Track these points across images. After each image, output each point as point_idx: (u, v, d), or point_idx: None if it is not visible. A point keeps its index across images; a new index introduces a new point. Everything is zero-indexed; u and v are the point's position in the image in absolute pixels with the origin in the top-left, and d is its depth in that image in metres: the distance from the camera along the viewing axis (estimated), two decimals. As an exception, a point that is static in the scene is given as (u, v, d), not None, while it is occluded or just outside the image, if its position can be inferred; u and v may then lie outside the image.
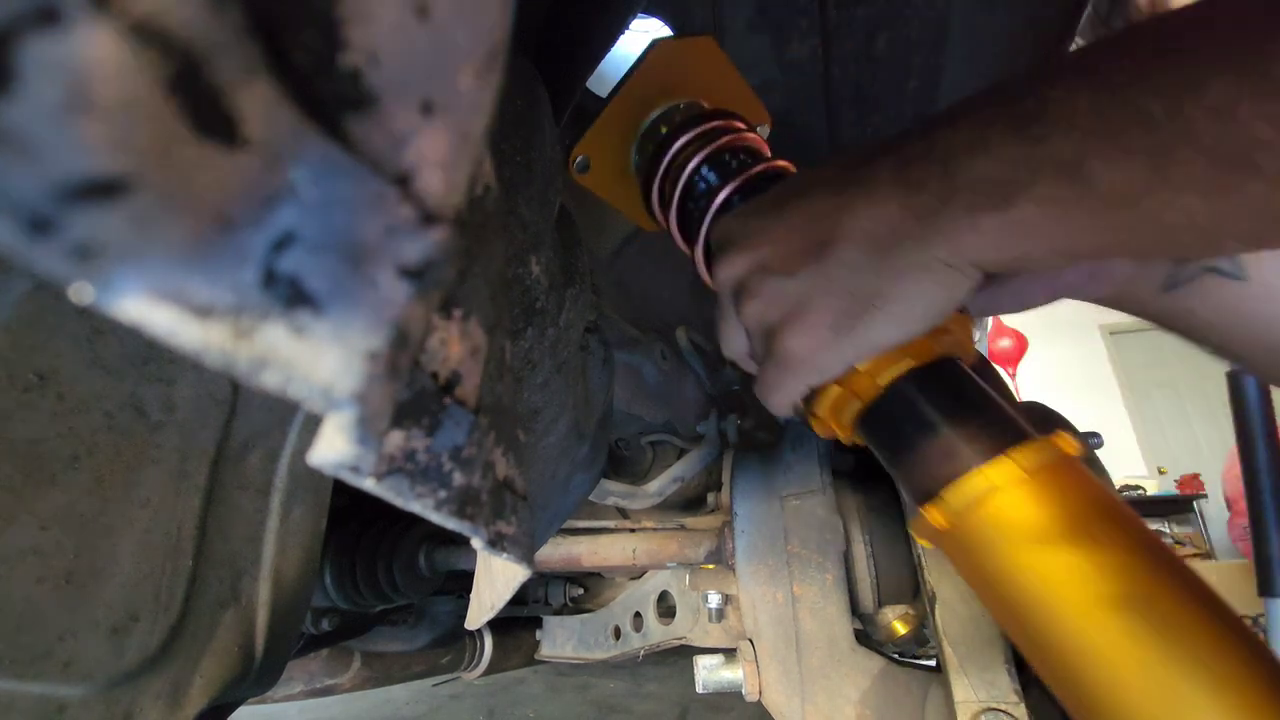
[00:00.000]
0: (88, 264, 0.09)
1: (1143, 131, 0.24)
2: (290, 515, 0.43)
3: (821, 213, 0.33)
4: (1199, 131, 0.23)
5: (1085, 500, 0.29)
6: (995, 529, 0.30)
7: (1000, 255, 0.29)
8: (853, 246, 0.32)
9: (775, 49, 0.65)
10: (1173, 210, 0.24)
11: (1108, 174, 0.25)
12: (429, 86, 0.11)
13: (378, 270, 0.11)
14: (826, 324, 0.33)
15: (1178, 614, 0.25)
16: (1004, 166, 0.27)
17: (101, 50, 0.08)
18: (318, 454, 0.12)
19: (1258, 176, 0.22)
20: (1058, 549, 0.28)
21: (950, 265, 0.30)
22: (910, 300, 0.31)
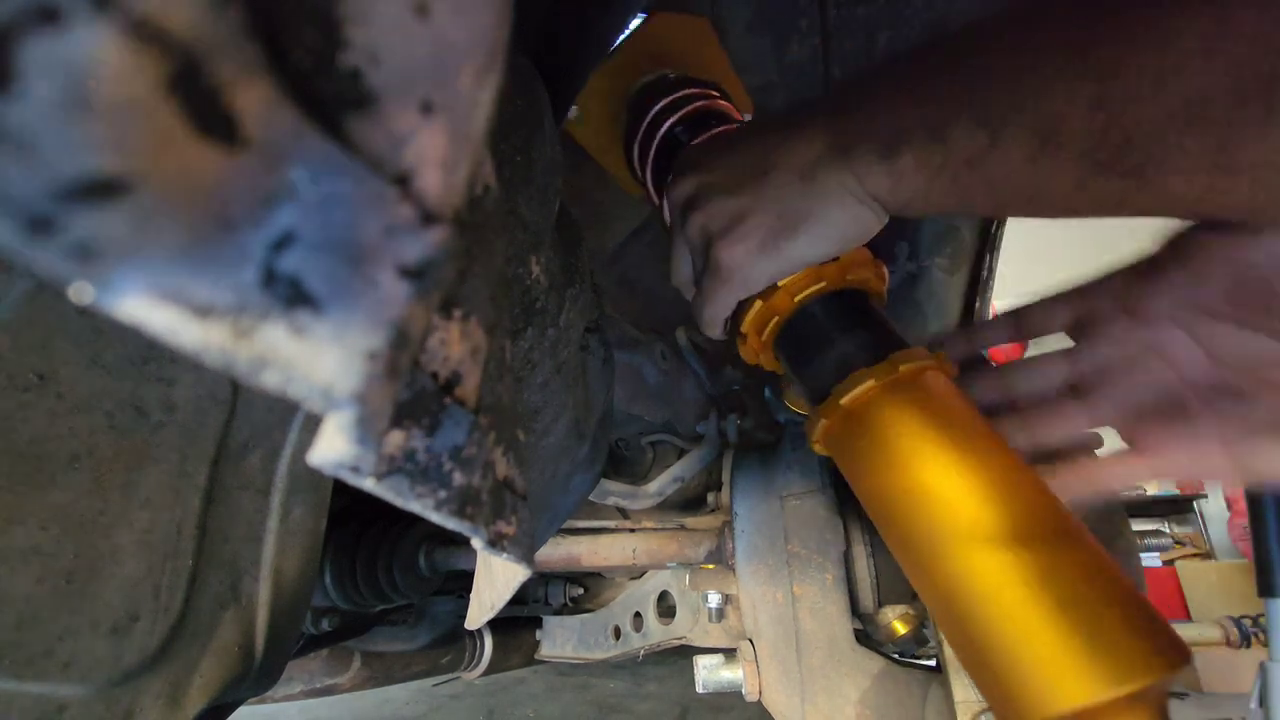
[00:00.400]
0: (87, 264, 0.09)
1: (985, 108, 0.29)
2: (290, 515, 0.43)
3: (765, 145, 0.39)
4: (1024, 109, 0.28)
5: (947, 404, 0.34)
6: (873, 422, 0.35)
7: (891, 195, 0.35)
8: (786, 172, 0.37)
9: (775, 49, 0.65)
10: (1005, 173, 0.30)
11: (962, 140, 0.30)
12: (429, 86, 0.11)
13: (378, 270, 0.11)
14: (758, 238, 0.38)
15: (1014, 500, 0.30)
16: (897, 124, 0.33)
17: (101, 50, 0.08)
18: (318, 454, 0.12)
19: (1065, 149, 0.27)
20: (920, 441, 0.32)
21: (859, 199, 0.36)
22: (828, 223, 0.37)
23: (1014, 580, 0.28)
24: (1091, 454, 0.39)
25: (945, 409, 0.33)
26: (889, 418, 0.34)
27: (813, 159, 0.36)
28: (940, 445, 0.32)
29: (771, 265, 0.38)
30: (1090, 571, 0.29)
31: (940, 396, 0.34)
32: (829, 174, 0.35)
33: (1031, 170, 0.29)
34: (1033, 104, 0.28)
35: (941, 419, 0.33)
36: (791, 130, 0.38)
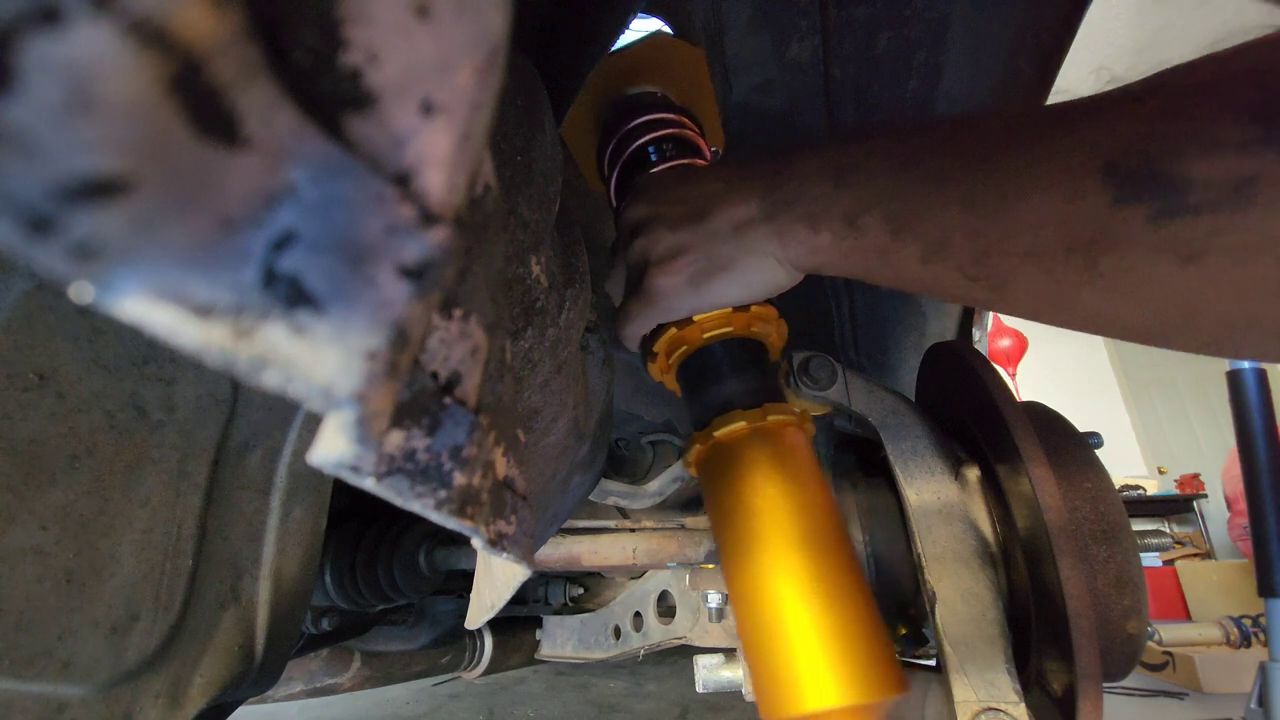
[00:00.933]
0: (88, 263, 0.09)
1: (892, 210, 0.35)
2: (290, 515, 0.43)
3: (711, 192, 0.44)
4: (923, 221, 0.34)
5: (794, 455, 0.42)
6: (735, 454, 0.42)
7: (807, 262, 0.41)
8: (723, 221, 0.42)
9: (775, 49, 0.65)
10: (903, 266, 0.36)
11: (871, 232, 0.36)
12: (429, 86, 0.11)
13: (378, 270, 0.11)
14: (687, 275, 0.43)
15: (818, 550, 0.38)
16: (820, 201, 0.38)
17: (102, 50, 0.08)
18: (318, 454, 0.12)
19: (947, 260, 0.34)
20: (764, 479, 0.40)
21: (778, 260, 0.41)
22: (747, 274, 0.42)
23: (795, 601, 0.36)
24: None
25: (792, 459, 0.42)
26: (748, 454, 0.42)
27: (746, 218, 0.41)
28: (777, 486, 0.40)
29: (694, 300, 0.44)
30: (854, 608, 0.37)
31: (791, 448, 0.42)
32: (756, 233, 0.41)
33: (922, 269, 0.35)
34: (924, 221, 0.34)
35: (786, 466, 0.41)
36: (734, 185, 0.43)
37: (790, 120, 0.72)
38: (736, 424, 0.42)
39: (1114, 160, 0.27)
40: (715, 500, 0.43)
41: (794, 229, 0.39)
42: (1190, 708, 1.99)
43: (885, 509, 0.59)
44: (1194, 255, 0.26)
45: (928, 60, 0.65)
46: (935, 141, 0.35)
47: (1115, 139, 0.28)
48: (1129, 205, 0.27)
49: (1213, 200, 0.25)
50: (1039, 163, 0.30)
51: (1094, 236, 0.28)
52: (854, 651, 0.35)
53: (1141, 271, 0.27)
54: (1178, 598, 3.11)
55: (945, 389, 0.65)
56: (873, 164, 0.37)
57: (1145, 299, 0.28)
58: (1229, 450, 2.99)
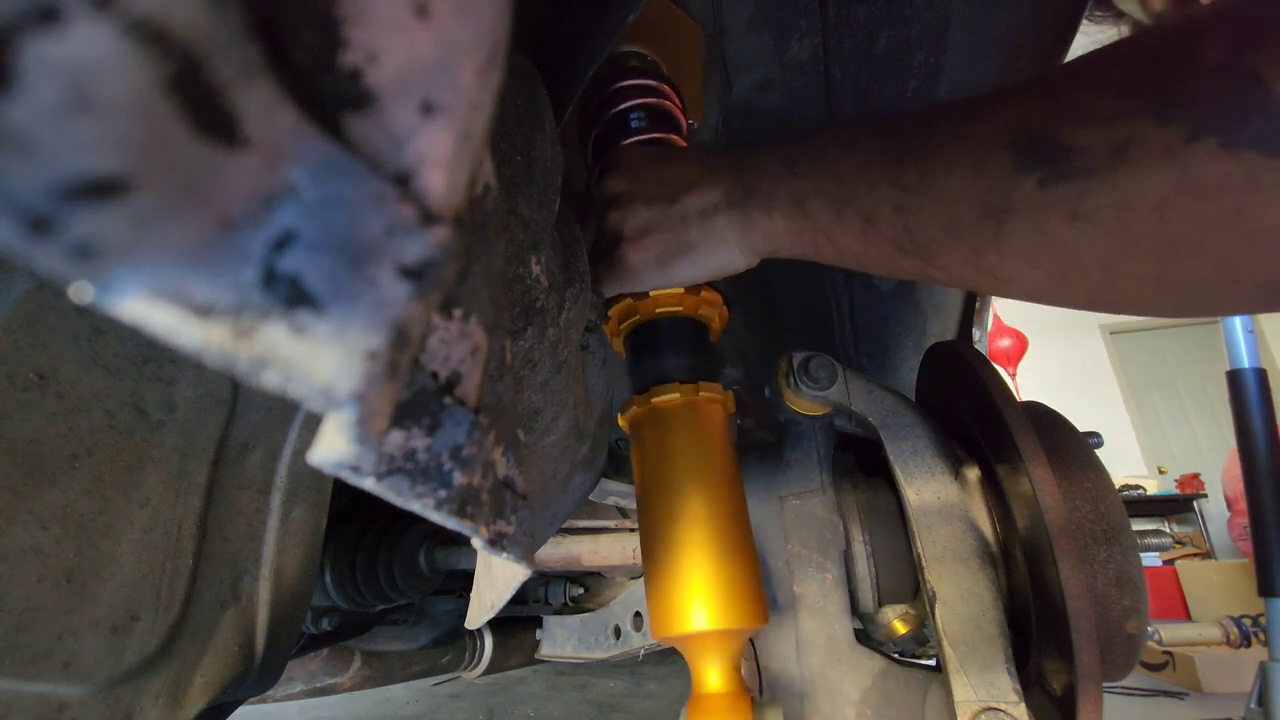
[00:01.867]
0: (88, 263, 0.09)
1: (832, 194, 0.39)
2: (290, 515, 0.43)
3: (685, 176, 0.47)
4: (858, 198, 0.38)
5: (714, 427, 0.49)
6: (664, 420, 0.49)
7: (763, 246, 0.45)
8: (692, 206, 0.46)
9: (776, 48, 0.65)
10: (845, 243, 0.40)
11: (817, 213, 0.41)
12: (429, 86, 0.11)
13: (378, 270, 0.11)
14: (656, 253, 0.47)
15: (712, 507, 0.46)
16: (774, 190, 0.43)
17: (101, 50, 0.08)
18: (318, 453, 0.12)
19: (881, 234, 0.38)
20: (686, 441, 0.48)
21: (737, 245, 0.45)
22: (709, 257, 0.46)
23: (689, 544, 0.45)
24: None
25: (710, 431, 0.49)
26: (675, 422, 0.49)
27: (712, 203, 0.45)
28: (695, 451, 0.48)
29: (658, 277, 0.48)
30: (735, 555, 0.45)
31: (713, 422, 0.50)
32: (719, 219, 0.45)
33: (862, 244, 0.39)
34: (859, 199, 0.38)
35: (705, 436, 0.49)
36: (705, 172, 0.47)
37: (790, 119, 0.72)
38: (672, 395, 0.49)
39: (1012, 135, 0.31)
40: (642, 455, 0.50)
41: (753, 216, 0.44)
42: (1190, 708, 1.99)
43: (885, 509, 0.59)
44: (1078, 213, 0.29)
45: (928, 60, 0.65)
46: (869, 131, 0.39)
47: (1014, 118, 0.31)
48: (1025, 173, 0.30)
49: (1091, 164, 0.28)
50: (951, 143, 0.34)
51: (999, 204, 0.31)
52: (728, 589, 0.44)
53: (1038, 231, 0.31)
54: (1178, 598, 3.11)
55: (945, 389, 0.65)
56: (817, 153, 0.41)
57: (1043, 257, 0.32)
58: (1229, 450, 2.99)
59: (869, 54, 0.65)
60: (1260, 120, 0.25)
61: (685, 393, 0.49)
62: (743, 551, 0.46)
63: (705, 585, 0.44)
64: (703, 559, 0.44)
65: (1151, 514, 4.16)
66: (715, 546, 0.45)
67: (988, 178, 0.32)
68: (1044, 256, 0.31)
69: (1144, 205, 0.27)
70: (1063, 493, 0.49)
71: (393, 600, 0.86)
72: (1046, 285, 0.33)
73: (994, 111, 0.33)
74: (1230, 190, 0.26)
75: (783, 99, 0.70)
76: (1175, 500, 4.15)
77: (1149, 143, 0.27)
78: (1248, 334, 1.54)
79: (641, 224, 0.47)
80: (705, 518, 0.45)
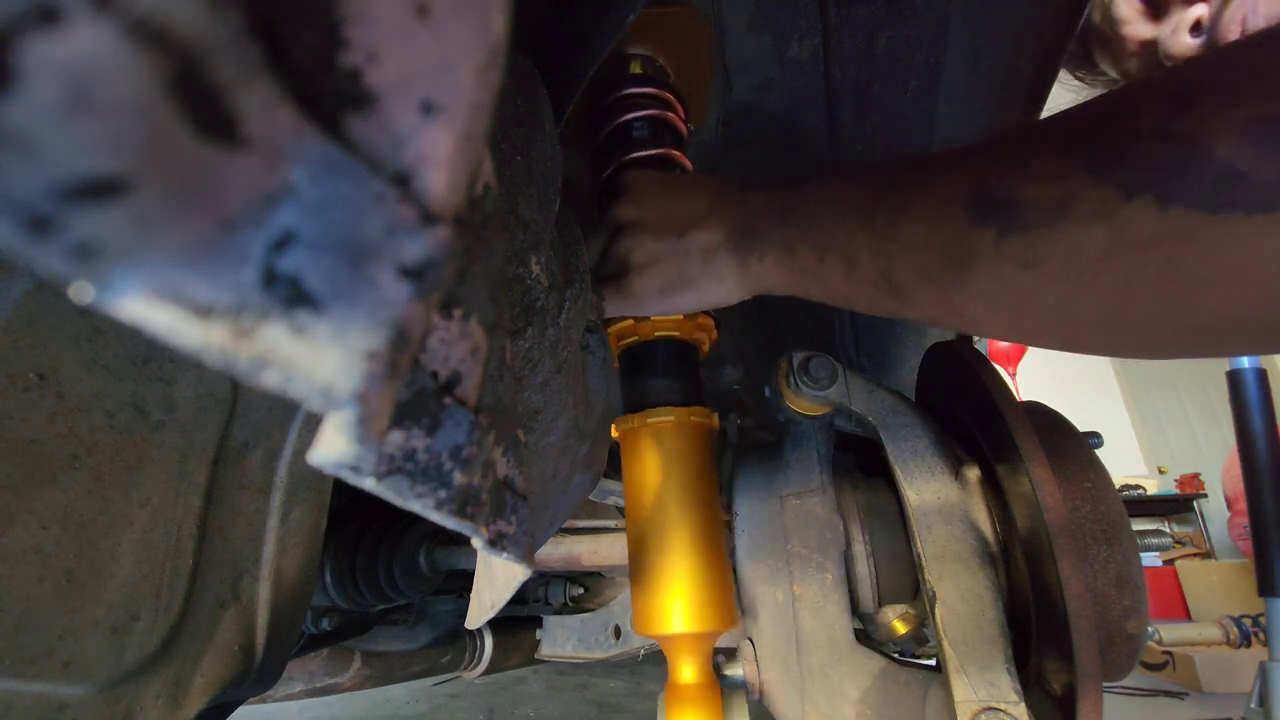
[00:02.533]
0: (88, 264, 0.09)
1: (817, 239, 0.43)
2: (290, 515, 0.43)
3: (690, 212, 0.51)
4: (839, 245, 0.42)
5: (700, 447, 0.55)
6: (657, 436, 0.55)
7: (757, 285, 0.49)
8: (695, 243, 0.50)
9: (776, 48, 0.65)
10: (831, 284, 0.44)
11: (803, 257, 0.44)
12: (429, 86, 0.11)
13: (378, 270, 0.11)
14: (660, 284, 0.51)
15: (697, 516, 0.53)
16: (768, 235, 0.47)
17: (102, 50, 0.08)
18: (318, 453, 0.12)
19: (862, 277, 0.41)
20: (672, 457, 0.54)
21: (734, 283, 0.50)
22: (707, 291, 0.51)
23: (670, 554, 0.51)
24: None
25: (695, 452, 0.55)
26: (666, 441, 0.55)
27: (715, 243, 0.50)
28: (680, 469, 0.54)
29: (660, 305, 0.53)
30: (710, 566, 0.51)
31: (698, 444, 0.56)
32: (719, 259, 0.49)
33: (846, 285, 0.42)
34: (839, 245, 0.42)
35: (690, 455, 0.55)
36: (710, 209, 0.51)
37: (790, 120, 0.72)
38: (666, 417, 0.55)
39: (970, 191, 0.34)
40: (632, 467, 0.56)
41: (748, 259, 0.48)
42: (1190, 707, 1.99)
43: (885, 509, 0.59)
44: (1029, 262, 0.32)
45: (928, 60, 0.65)
46: (849, 180, 0.43)
47: (972, 175, 0.35)
48: (982, 225, 0.33)
49: (1038, 218, 0.31)
50: (919, 194, 0.37)
51: (962, 253, 0.35)
52: (698, 596, 0.50)
53: (996, 278, 0.34)
54: (1178, 597, 3.11)
55: (945, 389, 0.65)
56: (803, 201, 0.45)
57: (1003, 302, 0.35)
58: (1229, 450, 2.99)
59: (869, 54, 0.65)
60: (1194, 179, 0.27)
61: (679, 415, 0.55)
62: (716, 562, 0.52)
63: (683, 592, 0.50)
64: (681, 569, 0.51)
65: (1151, 514, 4.16)
66: (693, 558, 0.51)
67: (949, 230, 0.35)
68: (1003, 300, 0.34)
69: (1084, 255, 0.30)
70: (1063, 493, 0.49)
71: (393, 600, 0.86)
72: (1008, 325, 0.37)
73: (954, 168, 0.36)
74: (1165, 243, 0.28)
75: (783, 99, 0.70)
76: (1175, 500, 4.15)
77: (1088, 199, 0.30)
78: (1248, 334, 1.53)
79: (649, 255, 0.51)
80: (685, 532, 0.52)
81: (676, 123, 0.61)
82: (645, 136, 0.60)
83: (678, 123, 0.62)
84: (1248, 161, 0.26)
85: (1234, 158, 0.26)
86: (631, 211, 0.53)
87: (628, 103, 0.60)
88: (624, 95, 0.61)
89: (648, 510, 0.53)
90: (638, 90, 0.60)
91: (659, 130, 0.61)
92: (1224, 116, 0.26)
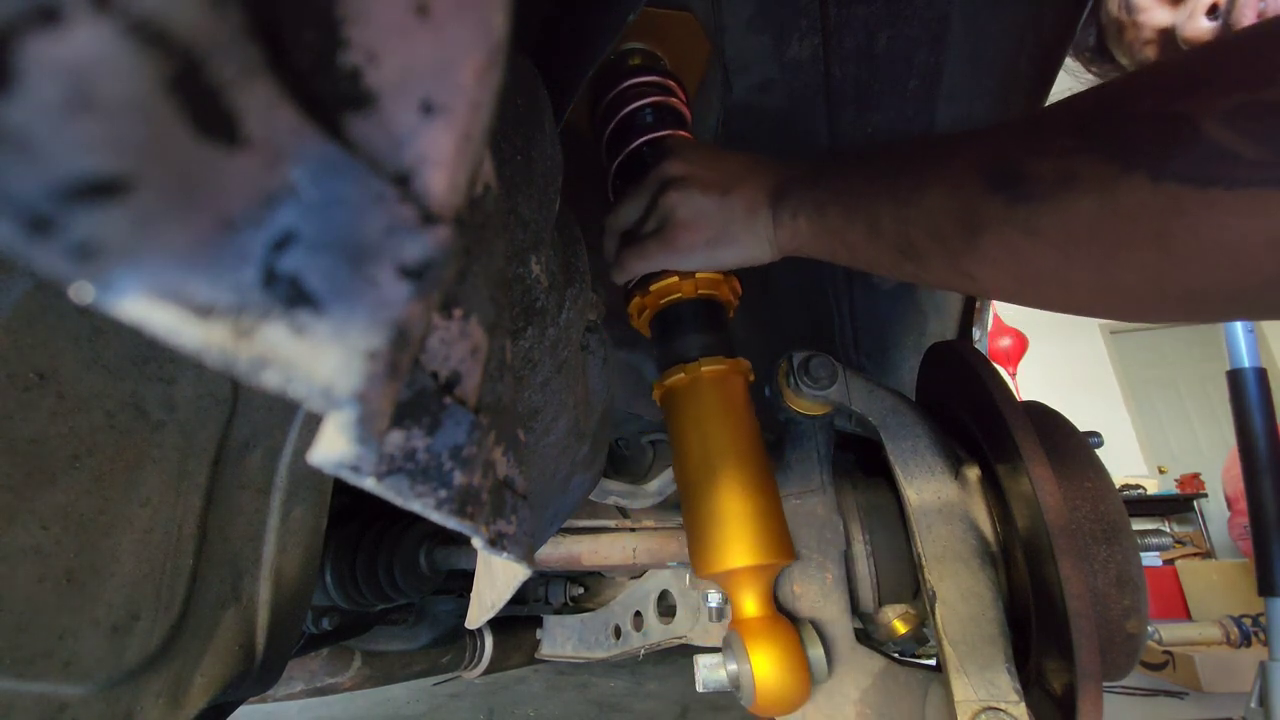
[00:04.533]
0: (88, 264, 0.09)
1: (846, 202, 0.47)
2: (291, 514, 0.43)
3: (736, 171, 0.55)
4: (865, 208, 0.45)
5: (742, 393, 0.58)
6: (706, 385, 0.56)
7: (789, 245, 0.52)
8: (739, 201, 0.53)
9: (776, 47, 0.65)
10: (856, 245, 0.47)
11: (833, 218, 0.48)
12: (429, 86, 0.11)
13: (378, 270, 0.11)
14: (706, 237, 0.54)
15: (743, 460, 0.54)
16: (802, 196, 0.50)
17: (102, 50, 0.08)
18: (318, 453, 0.12)
19: (884, 239, 0.44)
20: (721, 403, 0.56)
21: (768, 240, 0.53)
22: (747, 247, 0.54)
23: (723, 493, 0.53)
24: None
25: (741, 396, 0.57)
26: (714, 386, 0.57)
27: (756, 201, 0.53)
28: (729, 412, 0.56)
29: (703, 259, 0.55)
30: (763, 500, 0.53)
31: (743, 390, 0.58)
32: (760, 216, 0.53)
33: (868, 246, 0.46)
34: (865, 209, 0.45)
35: (737, 400, 0.57)
36: (750, 171, 0.54)
37: (790, 119, 0.72)
38: (718, 365, 0.57)
39: (987, 163, 0.37)
40: (685, 416, 0.58)
41: (783, 216, 0.51)
42: (1190, 707, 1.99)
43: (886, 508, 0.59)
44: (1033, 230, 0.35)
45: (928, 60, 0.65)
46: (880, 153, 0.47)
47: (990, 148, 0.38)
48: (994, 194, 0.36)
49: (1043, 190, 0.34)
50: (940, 166, 0.40)
51: (973, 219, 0.37)
52: (759, 529, 0.51)
53: (1003, 243, 0.37)
54: (1178, 597, 3.11)
55: (945, 389, 0.65)
56: (836, 168, 0.49)
57: (1007, 265, 0.37)
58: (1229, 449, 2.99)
59: (869, 54, 0.65)
60: (1184, 156, 0.29)
61: (726, 364, 0.57)
62: (775, 499, 0.54)
63: (740, 527, 0.51)
64: (742, 505, 0.52)
65: (1151, 514, 4.16)
66: (753, 495, 0.52)
67: (964, 196, 0.38)
68: (1008, 264, 0.37)
69: (1082, 225, 0.33)
70: (1063, 492, 0.49)
71: (393, 600, 0.86)
72: (1011, 288, 0.39)
73: (975, 142, 0.39)
74: (1156, 215, 0.30)
75: (783, 99, 0.70)
76: (1175, 500, 4.15)
77: (1088, 174, 0.32)
78: (1248, 334, 1.54)
79: (696, 209, 0.54)
80: (743, 473, 0.53)
81: (680, 107, 0.64)
82: (653, 121, 0.63)
83: (681, 107, 0.64)
84: (1235, 142, 0.28)
85: (1222, 138, 0.28)
86: (680, 168, 0.56)
87: (633, 92, 0.63)
88: (629, 88, 0.63)
89: (703, 456, 0.54)
90: (641, 79, 0.63)
91: (663, 114, 0.63)
92: (1216, 101, 0.28)
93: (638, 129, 0.62)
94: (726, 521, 0.52)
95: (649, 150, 0.62)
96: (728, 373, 0.57)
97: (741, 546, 0.51)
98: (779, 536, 0.52)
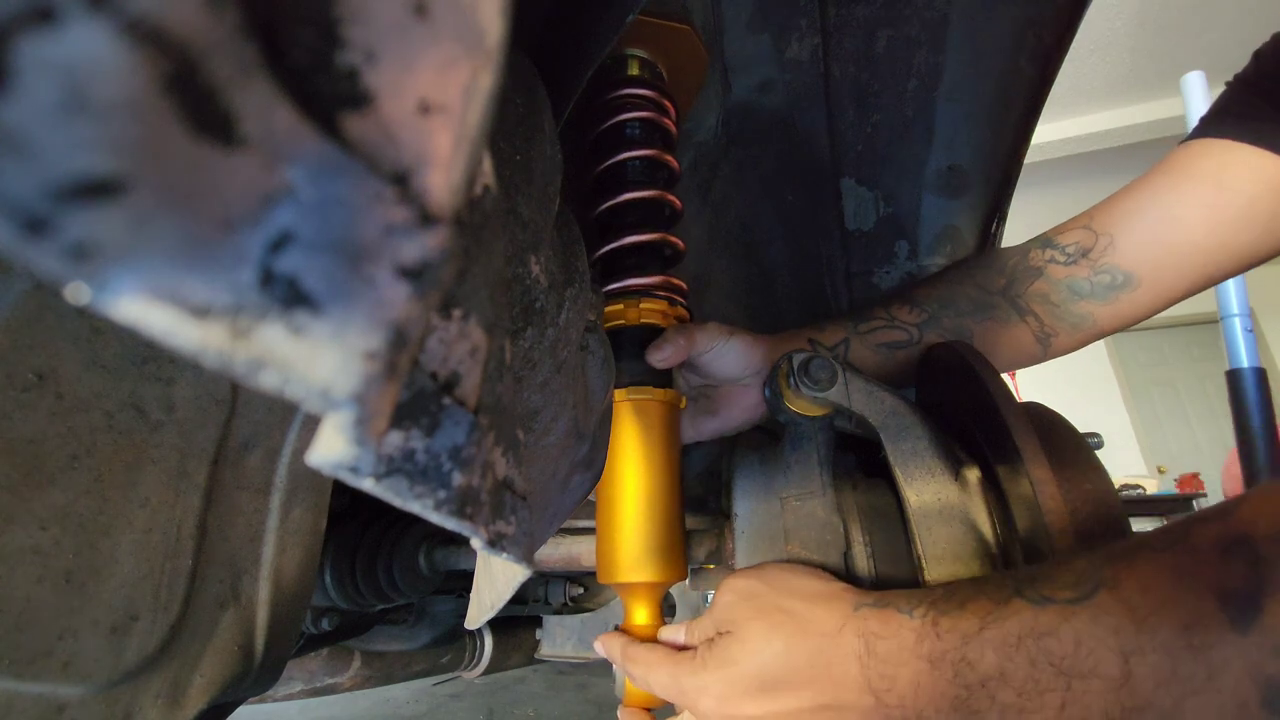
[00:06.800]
0: (84, 264, 0.08)
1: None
2: (290, 515, 0.43)
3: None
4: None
5: (657, 422, 0.61)
6: (619, 414, 0.61)
7: None
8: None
9: (775, 48, 0.65)
10: None
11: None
12: (427, 86, 0.11)
13: (376, 270, 0.11)
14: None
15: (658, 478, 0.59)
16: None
17: (98, 49, 0.08)
18: (316, 454, 0.12)
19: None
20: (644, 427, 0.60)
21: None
22: None
23: (630, 510, 0.57)
24: None
25: (660, 423, 0.61)
26: (635, 413, 0.61)
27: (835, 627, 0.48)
28: (651, 437, 0.60)
29: None
30: (664, 521, 0.58)
31: (661, 416, 0.62)
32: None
33: None
34: None
35: (655, 427, 0.61)
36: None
37: (790, 120, 0.72)
38: (643, 395, 0.62)
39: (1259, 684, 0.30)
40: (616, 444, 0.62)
41: None
42: (1190, 708, 1.98)
43: (885, 510, 0.59)
44: None
45: (928, 60, 0.65)
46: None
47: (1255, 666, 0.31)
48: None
49: None
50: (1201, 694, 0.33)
51: None
52: (656, 548, 0.56)
53: None
54: (1178, 597, 3.10)
55: (945, 389, 0.65)
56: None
57: None
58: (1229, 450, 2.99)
59: (869, 54, 0.65)
60: None
61: (655, 395, 0.62)
62: (669, 520, 0.58)
63: (636, 544, 0.56)
64: (636, 524, 0.57)
65: (1151, 514, 4.16)
66: (648, 514, 0.57)
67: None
68: None
69: None
70: (1063, 494, 0.49)
71: (393, 600, 0.86)
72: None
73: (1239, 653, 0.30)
74: None
75: (783, 99, 0.70)
76: (1175, 500, 4.15)
77: None
78: (1247, 334, 1.54)
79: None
80: (643, 492, 0.58)
81: (667, 125, 0.65)
82: (637, 135, 0.63)
83: (668, 125, 0.65)
84: None
85: None
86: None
87: (619, 104, 0.63)
88: (616, 98, 0.63)
89: (613, 474, 0.59)
90: (630, 92, 0.63)
91: (649, 131, 0.64)
92: None
93: (620, 143, 0.63)
94: (626, 538, 0.56)
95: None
96: (649, 403, 0.61)
97: (635, 563, 0.56)
98: (672, 558, 0.57)
